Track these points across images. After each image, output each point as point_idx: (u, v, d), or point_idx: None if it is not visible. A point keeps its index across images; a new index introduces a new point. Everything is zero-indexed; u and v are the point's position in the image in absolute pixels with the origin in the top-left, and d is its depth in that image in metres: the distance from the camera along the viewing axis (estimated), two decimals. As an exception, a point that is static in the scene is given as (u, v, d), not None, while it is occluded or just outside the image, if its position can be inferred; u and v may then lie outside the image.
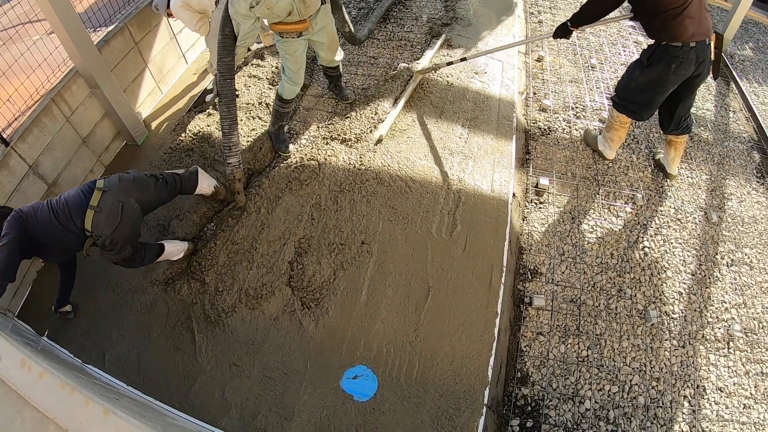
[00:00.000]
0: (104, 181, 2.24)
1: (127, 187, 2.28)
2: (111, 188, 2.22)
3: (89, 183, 2.25)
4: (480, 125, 3.39)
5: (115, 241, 2.21)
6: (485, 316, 2.45)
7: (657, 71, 2.62)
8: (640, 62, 2.72)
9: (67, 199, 2.19)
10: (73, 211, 2.15)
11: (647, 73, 2.68)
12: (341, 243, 2.70)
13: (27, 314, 2.60)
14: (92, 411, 1.50)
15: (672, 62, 2.55)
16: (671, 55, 2.53)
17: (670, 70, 2.58)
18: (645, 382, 2.44)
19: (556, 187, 3.21)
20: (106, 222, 2.16)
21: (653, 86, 2.72)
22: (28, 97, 2.79)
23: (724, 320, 2.69)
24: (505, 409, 2.35)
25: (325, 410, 2.19)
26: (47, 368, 1.62)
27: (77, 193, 2.20)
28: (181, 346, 2.43)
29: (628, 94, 2.87)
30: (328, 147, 3.15)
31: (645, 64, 2.66)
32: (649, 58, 2.62)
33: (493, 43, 4.12)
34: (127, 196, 2.25)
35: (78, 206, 2.16)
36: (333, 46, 3.04)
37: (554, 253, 2.87)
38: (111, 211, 2.17)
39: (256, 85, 3.67)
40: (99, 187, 2.20)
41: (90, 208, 2.14)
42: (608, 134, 3.18)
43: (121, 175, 2.32)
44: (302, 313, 2.48)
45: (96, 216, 2.14)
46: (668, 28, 2.48)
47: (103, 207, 2.16)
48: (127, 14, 3.35)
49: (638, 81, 2.75)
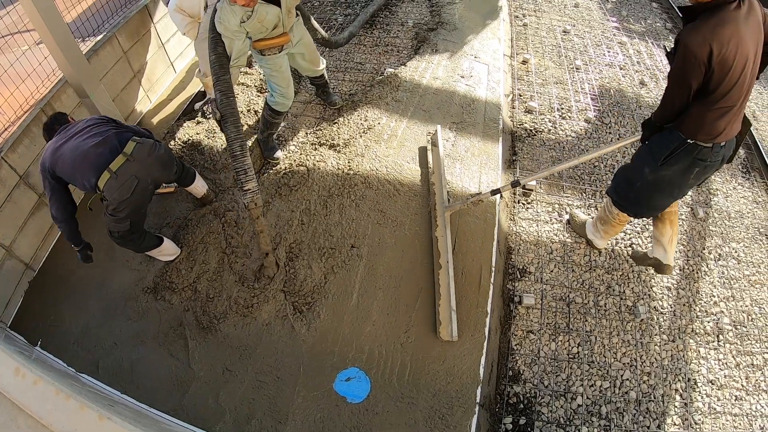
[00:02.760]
0: (135, 147, 2.24)
1: (152, 164, 2.31)
2: (136, 159, 2.23)
3: (121, 137, 2.26)
4: (467, 128, 3.43)
5: (119, 209, 2.24)
6: (475, 316, 2.47)
7: (674, 173, 2.09)
8: (652, 158, 2.11)
9: (86, 152, 2.18)
10: (93, 167, 2.17)
11: (660, 174, 2.12)
12: (331, 247, 2.72)
13: (19, 324, 2.59)
14: (87, 417, 1.50)
15: (696, 165, 2.03)
16: (697, 158, 2.00)
17: (692, 174, 2.06)
18: (636, 376, 2.46)
19: (544, 188, 3.24)
20: (117, 190, 2.18)
21: (667, 189, 2.19)
22: (17, 107, 2.79)
23: (713, 314, 2.72)
24: (497, 407, 2.36)
25: (319, 413, 2.19)
26: (42, 375, 1.62)
27: (103, 150, 2.19)
28: (174, 352, 2.43)
29: (631, 193, 2.32)
30: (317, 152, 3.18)
31: (659, 164, 2.08)
32: (667, 158, 2.05)
33: (479, 47, 4.18)
34: (146, 174, 2.28)
35: (98, 164, 2.17)
36: (314, 56, 3.07)
37: (542, 252, 2.90)
38: (125, 184, 2.19)
39: (244, 93, 3.70)
40: (126, 152, 2.21)
41: (108, 171, 2.16)
42: (602, 227, 2.69)
43: (154, 148, 2.32)
44: (294, 318, 2.49)
45: (110, 181, 2.17)
46: (707, 124, 1.92)
47: (120, 176, 2.17)
48: (115, 24, 3.37)
49: (647, 181, 2.18)
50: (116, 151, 2.20)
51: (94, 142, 2.21)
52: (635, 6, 5.43)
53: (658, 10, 5.40)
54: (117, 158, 2.18)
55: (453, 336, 2.33)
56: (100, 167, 2.16)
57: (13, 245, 2.67)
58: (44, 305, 2.65)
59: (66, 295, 2.69)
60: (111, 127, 2.35)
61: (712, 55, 1.74)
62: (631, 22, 5.11)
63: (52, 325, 2.57)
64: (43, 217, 2.86)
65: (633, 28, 5.00)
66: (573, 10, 5.23)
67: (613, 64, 4.36)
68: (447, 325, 2.37)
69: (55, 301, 2.67)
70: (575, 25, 4.93)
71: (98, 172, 2.16)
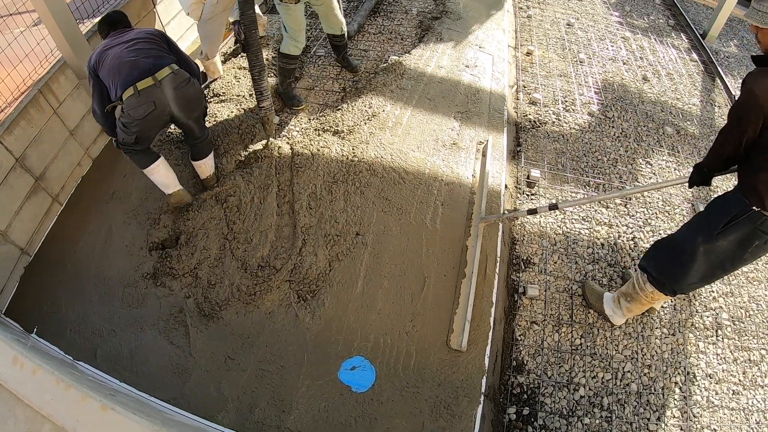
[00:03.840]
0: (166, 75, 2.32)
1: (175, 97, 2.39)
2: (163, 86, 2.32)
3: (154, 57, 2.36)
4: (472, 117, 3.40)
5: (131, 124, 2.35)
6: (480, 306, 2.46)
7: (730, 244, 1.84)
8: (707, 226, 1.88)
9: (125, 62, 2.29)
10: (123, 79, 2.28)
11: (715, 245, 1.87)
12: (337, 234, 2.68)
13: (14, 311, 2.52)
14: (89, 407, 1.47)
15: (757, 237, 1.77)
16: (759, 228, 1.75)
17: (750, 246, 1.81)
18: (637, 369, 2.47)
19: (547, 179, 3.24)
20: (134, 108, 2.29)
21: (718, 263, 1.91)
22: (12, 89, 2.71)
23: (712, 309, 2.74)
24: (501, 397, 2.36)
25: (324, 402, 2.17)
26: (41, 365, 1.58)
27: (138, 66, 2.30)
28: (175, 340, 2.38)
29: (675, 267, 2.02)
30: (321, 138, 3.13)
31: (715, 232, 1.84)
32: (726, 225, 1.81)
33: (483, 37, 4.15)
34: (165, 105, 2.37)
35: (128, 78, 2.28)
36: (332, 20, 3.25)
37: (546, 243, 2.90)
38: (143, 105, 2.30)
39: (246, 77, 3.63)
40: (156, 77, 2.30)
41: (133, 88, 2.27)
42: (627, 304, 2.42)
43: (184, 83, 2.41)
44: (298, 306, 2.46)
45: (131, 97, 2.28)
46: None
47: (141, 96, 2.28)
48: (116, 4, 3.27)
49: (697, 252, 1.92)
50: (148, 72, 2.29)
51: (132, 57, 2.32)
52: (638, 1, 5.44)
53: (661, 7, 5.42)
54: (145, 79, 2.28)
55: (462, 347, 2.33)
56: (129, 82, 2.27)
57: (8, 230, 2.59)
58: (40, 291, 2.59)
59: (63, 281, 2.62)
60: (157, 46, 2.45)
61: None
62: (635, 18, 5.12)
63: (48, 312, 2.50)
64: (40, 202, 2.79)
65: (636, 24, 5.01)
66: (577, 4, 5.23)
67: (616, 58, 4.37)
68: (459, 335, 2.38)
69: (52, 287, 2.60)
70: (579, 19, 4.92)
71: (125, 85, 2.28)
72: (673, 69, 4.43)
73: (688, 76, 4.35)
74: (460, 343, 2.34)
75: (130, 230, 2.78)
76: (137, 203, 2.91)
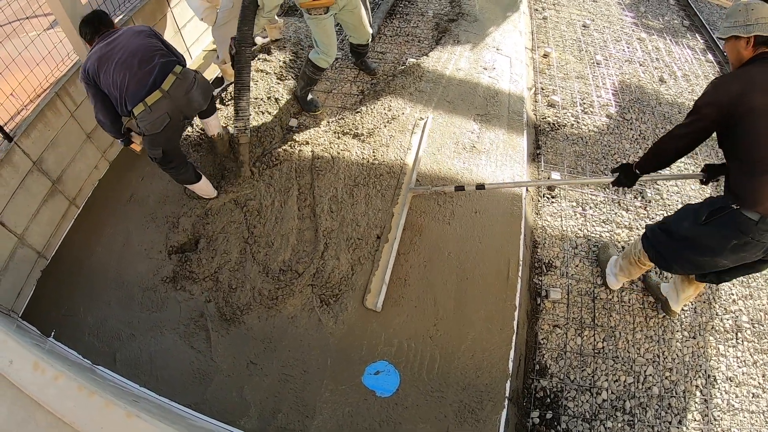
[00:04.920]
0: (173, 83, 2.30)
1: (187, 103, 2.42)
2: (172, 96, 2.31)
3: (165, 67, 2.32)
4: (491, 120, 3.40)
5: (152, 139, 2.37)
6: (504, 310, 2.46)
7: (711, 235, 1.91)
8: (695, 214, 1.99)
9: (129, 80, 2.24)
10: (131, 95, 2.25)
11: (697, 231, 1.97)
12: (358, 237, 2.68)
13: (31, 314, 2.53)
14: (114, 415, 1.46)
15: (735, 237, 1.83)
16: (738, 229, 1.81)
17: (729, 244, 1.87)
18: (659, 372, 2.47)
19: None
20: (150, 123, 2.28)
21: (699, 250, 2.01)
22: (28, 93, 2.72)
23: (732, 312, 2.73)
24: (525, 401, 2.36)
25: (348, 407, 2.17)
26: (63, 371, 1.57)
27: (144, 81, 2.26)
28: (196, 344, 2.38)
29: (663, 244, 2.17)
30: (341, 141, 3.14)
31: (700, 221, 1.94)
32: (709, 216, 1.90)
33: (500, 39, 4.13)
34: (179, 112, 2.38)
35: (136, 94, 2.25)
36: (360, 30, 3.20)
37: (567, 246, 2.90)
38: (157, 119, 2.29)
39: (264, 80, 3.63)
40: (163, 88, 2.27)
41: (143, 104, 2.25)
42: (623, 263, 2.55)
43: (192, 85, 2.41)
44: (321, 310, 2.46)
45: (144, 113, 2.26)
46: (753, 191, 1.74)
47: (153, 111, 2.26)
48: (132, 7, 3.28)
49: (683, 235, 2.04)
50: (155, 85, 2.27)
51: (135, 70, 2.26)
52: (653, 2, 5.41)
53: (675, 7, 5.39)
54: (154, 93, 2.25)
55: (377, 307, 2.45)
56: (138, 98, 2.25)
57: (26, 233, 2.60)
58: (57, 295, 2.59)
59: (80, 284, 2.62)
60: (152, 47, 2.37)
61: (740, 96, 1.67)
62: (649, 19, 5.09)
63: (65, 316, 2.50)
64: (57, 205, 2.80)
65: (651, 25, 4.98)
66: (592, 5, 5.21)
67: (632, 60, 4.35)
68: (375, 295, 2.49)
69: (69, 290, 2.60)
70: (594, 20, 4.90)
71: (135, 101, 2.25)
72: (689, 70, 4.40)
73: (705, 77, 4.33)
74: (376, 303, 2.45)
75: (149, 233, 2.79)
76: (155, 206, 2.92)
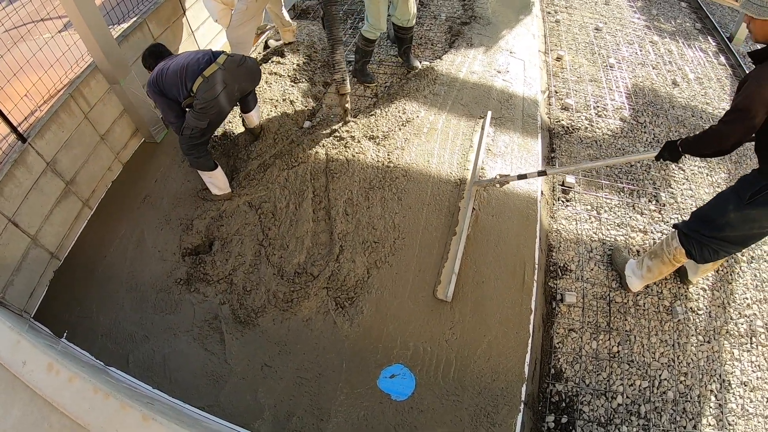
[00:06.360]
0: (226, 59, 2.66)
1: (240, 74, 2.72)
2: (227, 68, 2.64)
3: (211, 53, 2.68)
4: (506, 123, 3.40)
5: (205, 108, 2.61)
6: (520, 313, 2.46)
7: (759, 213, 2.01)
8: (737, 196, 2.06)
9: (186, 64, 2.62)
10: (191, 74, 2.60)
11: (746, 213, 2.04)
12: (375, 241, 2.69)
13: (43, 315, 2.55)
14: (130, 417, 1.45)
15: None
16: None
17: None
18: (674, 377, 2.46)
19: (582, 185, 3.23)
20: (207, 91, 2.58)
21: (747, 229, 2.10)
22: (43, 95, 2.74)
23: (747, 316, 2.72)
24: (540, 405, 2.36)
25: (363, 410, 2.16)
26: (78, 372, 1.56)
27: (200, 61, 2.63)
28: (210, 346, 2.38)
29: (714, 229, 2.17)
30: (356, 144, 3.14)
31: (745, 201, 2.02)
32: (752, 196, 1.99)
33: (513, 42, 4.13)
34: (233, 82, 2.68)
35: (195, 72, 2.60)
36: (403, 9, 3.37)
37: (582, 250, 2.89)
38: (214, 86, 2.59)
39: (278, 82, 3.65)
40: (218, 62, 2.62)
41: (201, 76, 2.58)
42: (651, 264, 2.53)
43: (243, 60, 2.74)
44: (336, 313, 2.47)
45: (202, 84, 2.58)
46: None
47: (210, 80, 2.58)
48: (145, 10, 3.30)
49: (728, 219, 2.10)
50: (210, 62, 2.62)
51: (193, 58, 2.66)
52: (664, 5, 5.39)
53: (687, 10, 5.36)
54: (210, 66, 2.60)
55: (447, 297, 2.49)
56: (196, 74, 2.58)
57: (39, 234, 2.62)
58: (70, 296, 2.60)
59: (93, 285, 2.64)
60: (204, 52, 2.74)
61: None
62: (661, 21, 5.08)
63: (78, 316, 2.52)
64: (70, 206, 2.82)
65: (663, 28, 4.97)
66: (604, 8, 5.20)
67: (645, 63, 4.34)
68: (445, 285, 2.54)
69: (82, 291, 2.62)
70: (607, 23, 4.89)
71: (194, 77, 2.58)
72: (702, 73, 4.39)
73: (717, 80, 4.31)
74: (447, 293, 2.49)
75: (163, 235, 2.81)
76: (169, 208, 2.94)
